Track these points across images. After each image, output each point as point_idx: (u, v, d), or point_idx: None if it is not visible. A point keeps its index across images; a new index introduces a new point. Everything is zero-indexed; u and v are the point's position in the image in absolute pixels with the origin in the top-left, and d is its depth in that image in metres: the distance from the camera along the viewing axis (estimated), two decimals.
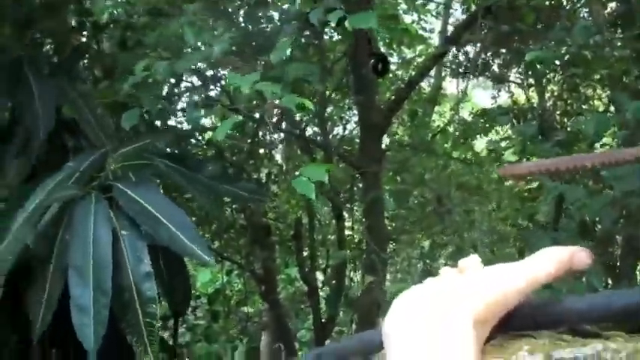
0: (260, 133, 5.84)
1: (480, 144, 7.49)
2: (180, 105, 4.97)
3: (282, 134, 5.73)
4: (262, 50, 4.14)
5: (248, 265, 6.00)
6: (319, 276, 6.16)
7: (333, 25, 3.31)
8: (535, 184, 7.12)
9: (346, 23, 3.25)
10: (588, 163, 1.12)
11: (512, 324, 0.67)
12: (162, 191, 4.13)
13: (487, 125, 7.05)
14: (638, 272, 6.18)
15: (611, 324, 0.73)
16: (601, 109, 7.02)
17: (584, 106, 6.92)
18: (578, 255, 0.68)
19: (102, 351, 3.02)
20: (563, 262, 0.68)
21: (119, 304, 3.24)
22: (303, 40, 4.25)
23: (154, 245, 3.37)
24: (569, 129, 6.17)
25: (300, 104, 3.29)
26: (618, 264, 6.05)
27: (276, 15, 4.74)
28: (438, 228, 6.47)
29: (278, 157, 6.62)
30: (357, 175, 5.54)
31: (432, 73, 6.98)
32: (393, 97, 5.41)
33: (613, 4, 5.85)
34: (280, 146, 6.01)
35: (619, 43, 5.47)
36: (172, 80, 4.64)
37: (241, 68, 3.61)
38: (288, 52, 3.50)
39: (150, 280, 3.28)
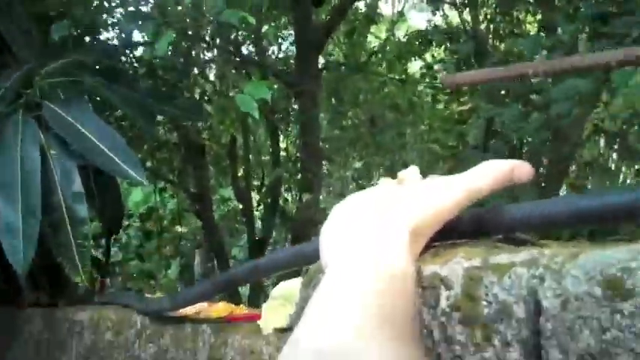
0: (193, 52, 5.71)
1: (415, 66, 7.52)
2: (110, 20, 4.81)
3: (215, 52, 5.61)
4: None
5: (182, 184, 5.95)
6: (254, 195, 6.17)
7: None
8: (467, 107, 7.24)
9: None
10: (528, 70, 1.15)
11: (449, 233, 0.69)
12: (92, 109, 4.02)
13: (422, 47, 7.06)
14: (562, 192, 6.39)
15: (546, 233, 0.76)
16: (533, 31, 7.11)
17: (516, 30, 7.00)
18: (519, 168, 0.69)
19: (31, 272, 2.98)
20: (503, 174, 0.68)
21: (49, 224, 3.17)
22: None
23: (85, 165, 3.29)
24: (501, 51, 6.24)
25: (243, 18, 3.23)
26: (543, 185, 6.25)
27: None
28: (372, 149, 6.52)
29: (211, 76, 6.51)
30: (292, 95, 5.52)
31: None
32: (330, 17, 5.34)
33: None
34: (214, 65, 5.90)
35: None
36: None
37: None
38: None
39: (81, 200, 3.20)
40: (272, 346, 1.44)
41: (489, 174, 0.68)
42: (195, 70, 5.80)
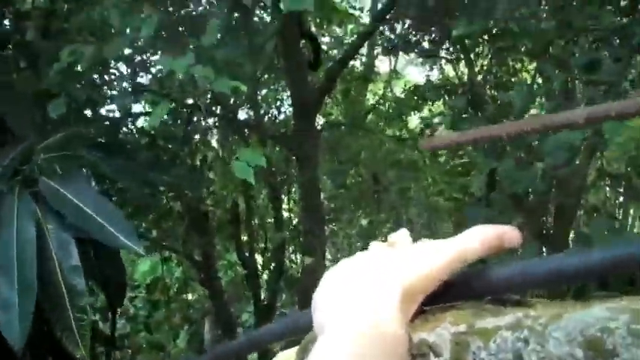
0: (194, 119, 5.78)
1: (414, 121, 7.57)
2: (110, 93, 4.87)
3: (215, 119, 5.67)
4: (191, 33, 4.08)
5: (187, 252, 5.94)
6: (259, 259, 6.15)
7: (267, 3, 3.26)
8: (467, 160, 7.25)
9: (281, 5, 3.21)
10: (504, 131, 1.14)
11: (438, 296, 0.68)
12: (94, 182, 4.05)
13: (420, 102, 7.12)
14: (570, 240, 6.36)
15: (536, 291, 0.74)
16: (529, 80, 7.17)
17: (513, 79, 7.06)
18: (508, 234, 0.69)
19: (30, 347, 2.96)
20: (493, 240, 0.68)
21: (47, 299, 3.17)
22: (232, 22, 4.20)
23: (84, 238, 3.30)
24: (498, 102, 6.28)
25: (234, 87, 3.26)
26: (551, 232, 6.21)
27: None
28: (376, 206, 6.52)
29: (213, 142, 6.56)
30: (292, 157, 5.53)
31: (364, 51, 7.00)
32: (326, 77, 5.39)
33: None
34: (215, 131, 5.95)
35: (544, 15, 5.58)
36: (99, 67, 4.54)
37: (171, 52, 3.55)
38: (218, 34, 3.45)
39: (78, 273, 3.22)
40: None
41: (478, 239, 0.68)
42: (197, 137, 5.86)
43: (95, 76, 4.67)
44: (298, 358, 0.88)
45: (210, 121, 5.79)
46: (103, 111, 4.79)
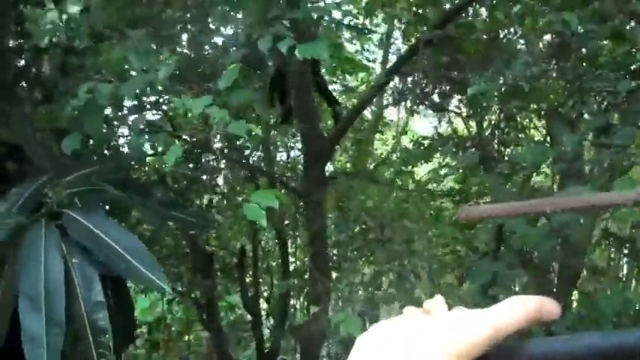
0: (203, 160, 5.80)
1: (421, 171, 7.59)
2: (121, 131, 4.91)
3: (224, 161, 5.70)
4: (207, 76, 4.13)
5: (190, 292, 5.91)
6: (262, 304, 6.11)
7: (282, 50, 3.29)
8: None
9: (296, 52, 3.25)
10: (544, 208, 1.15)
11: None
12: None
13: (428, 154, 7.15)
14: (574, 300, 6.32)
15: None
16: (537, 138, 7.21)
17: (521, 135, 7.08)
18: (547, 306, 0.68)
19: None
20: (532, 312, 0.68)
21: (70, 333, 3.17)
22: (247, 66, 4.25)
23: (102, 275, 3.30)
24: (506, 158, 6.30)
25: (249, 130, 3.29)
26: (555, 290, 6.18)
27: (219, 41, 4.74)
28: (380, 256, 6.50)
29: (220, 183, 6.58)
30: (300, 203, 5.54)
31: (374, 100, 7.06)
32: (338, 126, 5.43)
33: (548, 37, 6.03)
34: (222, 173, 5.97)
35: (554, 74, 5.64)
36: (114, 106, 4.58)
37: (186, 94, 3.59)
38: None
39: (102, 309, 3.22)
40: None
41: (519, 311, 0.67)
42: (204, 177, 5.88)
43: (108, 112, 4.70)
44: None
45: (221, 164, 5.81)
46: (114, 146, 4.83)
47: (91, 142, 4.27)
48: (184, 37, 4.89)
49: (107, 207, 3.99)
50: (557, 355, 0.65)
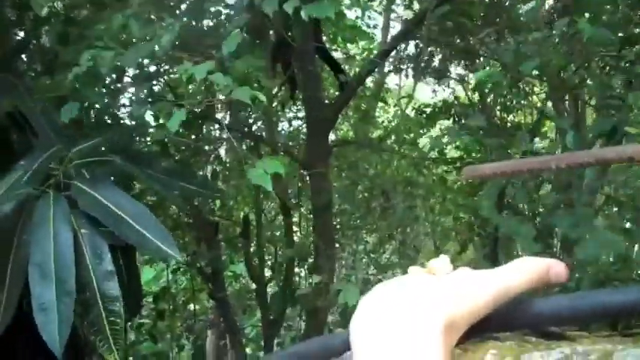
0: (204, 130, 5.79)
1: (424, 139, 7.58)
2: (122, 101, 4.90)
3: (226, 131, 5.69)
4: (209, 43, 4.11)
5: (195, 262, 5.94)
6: (267, 273, 6.14)
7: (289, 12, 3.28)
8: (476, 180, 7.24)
9: (302, 13, 3.23)
10: (550, 164, 1.14)
11: (476, 327, 0.67)
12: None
13: (429, 120, 7.13)
14: (573, 262, 6.34)
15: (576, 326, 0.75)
16: (539, 105, 7.19)
17: (523, 102, 7.05)
18: (554, 268, 0.67)
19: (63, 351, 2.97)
20: (539, 274, 0.67)
21: (81, 303, 3.18)
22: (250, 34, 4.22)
23: (111, 244, 3.31)
24: (509, 125, 6.29)
25: (253, 97, 3.28)
26: (559, 256, 6.20)
27: (221, 9, 4.70)
28: (383, 223, 6.51)
29: (222, 153, 6.57)
30: (304, 172, 5.54)
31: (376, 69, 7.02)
32: (341, 94, 5.41)
33: (550, 1, 5.98)
34: (225, 143, 5.96)
35: (556, 40, 5.60)
36: (114, 75, 4.56)
37: (189, 62, 3.57)
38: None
39: (112, 278, 3.23)
40: None
41: (525, 273, 0.67)
42: (206, 148, 5.87)
43: (108, 81, 4.69)
44: None
45: (219, 133, 5.81)
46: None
47: (92, 112, 4.27)
48: (186, 3, 4.84)
49: (112, 178, 3.98)
50: (563, 312, 0.65)
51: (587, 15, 4.02)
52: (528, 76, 6.22)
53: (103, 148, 3.84)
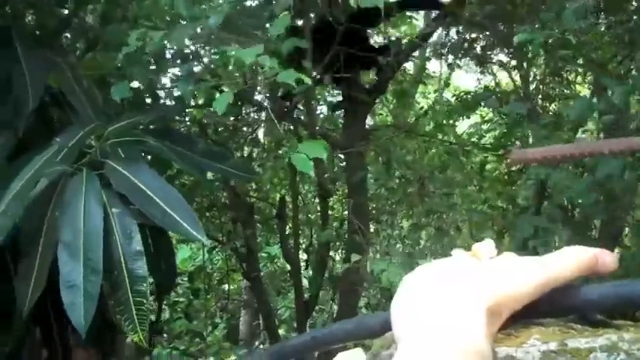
0: (243, 111, 5.81)
1: (462, 126, 7.52)
2: (163, 81, 4.93)
3: (263, 114, 5.71)
4: (253, 24, 4.11)
5: (230, 243, 5.99)
6: (302, 255, 6.17)
7: None
8: (515, 168, 7.17)
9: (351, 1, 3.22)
10: (597, 149, 1.12)
11: (520, 313, 0.67)
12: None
13: (470, 107, 7.06)
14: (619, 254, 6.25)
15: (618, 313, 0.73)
16: (583, 94, 7.07)
17: (566, 91, 6.95)
18: (603, 258, 0.67)
19: (88, 329, 3.00)
20: (587, 264, 0.67)
21: (108, 282, 3.22)
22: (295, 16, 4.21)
23: (142, 224, 3.34)
24: (551, 113, 6.20)
25: (299, 80, 3.28)
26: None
27: None
28: (420, 209, 6.48)
29: (260, 136, 6.60)
30: (340, 155, 5.55)
31: (416, 53, 6.96)
32: (379, 78, 5.39)
33: None
34: (263, 125, 5.99)
35: (603, 28, 5.50)
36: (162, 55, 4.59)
37: (234, 44, 3.58)
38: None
39: (140, 258, 3.26)
40: None
41: (572, 262, 0.66)
42: (244, 130, 5.90)
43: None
44: None
45: (261, 116, 5.82)
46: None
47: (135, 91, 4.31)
48: None
49: (149, 157, 4.02)
50: (610, 299, 0.64)
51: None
52: (571, 63, 6.12)
53: (141, 127, 3.88)
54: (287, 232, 5.69)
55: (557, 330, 0.69)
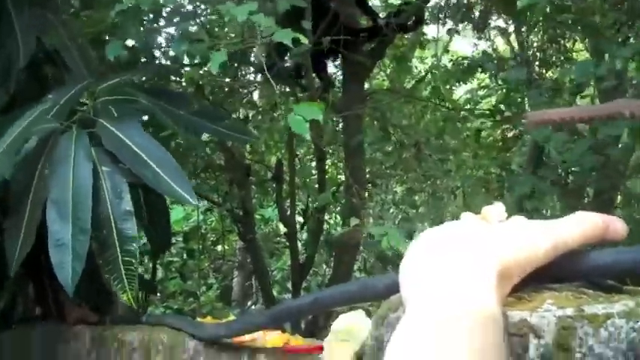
0: (239, 72, 5.77)
1: (459, 92, 7.50)
2: (160, 40, 4.88)
3: (260, 75, 5.66)
4: None
5: (225, 204, 5.99)
6: (298, 218, 6.17)
7: None
8: (510, 134, 7.18)
9: None
10: (624, 111, 1.10)
11: (528, 278, 0.67)
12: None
13: (467, 73, 7.02)
14: None
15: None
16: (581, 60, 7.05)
17: (563, 58, 6.93)
18: (613, 225, 0.67)
19: (78, 286, 2.99)
20: (596, 231, 0.66)
21: (98, 241, 3.21)
22: None
23: (135, 183, 3.32)
24: (549, 79, 6.18)
25: (295, 39, 3.25)
26: None
27: None
28: (414, 174, 6.49)
29: (255, 97, 6.56)
30: (338, 118, 5.53)
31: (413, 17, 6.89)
32: (378, 42, 5.35)
33: None
34: (259, 86, 5.94)
35: None
36: (151, 15, 4.54)
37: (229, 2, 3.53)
38: None
39: (130, 218, 3.23)
40: None
41: (582, 228, 0.66)
42: (240, 91, 5.85)
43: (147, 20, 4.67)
44: (376, 324, 0.88)
45: (257, 77, 5.78)
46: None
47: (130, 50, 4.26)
48: None
49: (144, 117, 3.98)
50: (623, 264, 0.64)
51: None
52: (570, 29, 6.07)
53: (132, 87, 3.83)
54: (283, 195, 5.68)
55: (569, 295, 0.69)
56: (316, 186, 5.80)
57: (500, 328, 0.58)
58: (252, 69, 5.61)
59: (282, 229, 6.63)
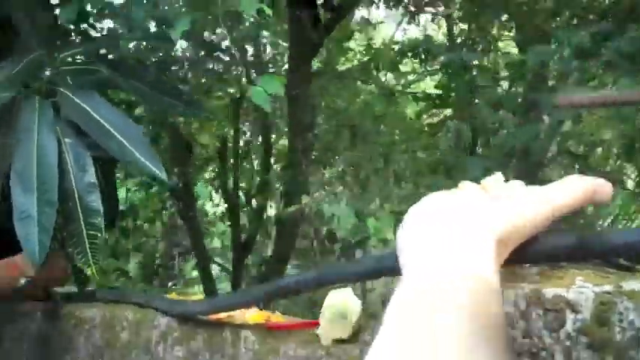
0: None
1: (390, 77, 7.60)
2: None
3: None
4: None
5: (169, 180, 5.87)
6: (241, 195, 6.13)
7: None
8: (436, 119, 7.36)
9: None
10: None
11: (549, 255, 0.68)
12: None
13: (398, 58, 7.14)
14: None
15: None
16: (507, 49, 7.31)
17: (491, 47, 7.14)
18: (601, 187, 0.67)
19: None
20: (587, 194, 0.67)
21: (62, 214, 3.10)
22: None
23: (93, 156, 3.22)
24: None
25: (260, 10, 3.22)
26: None
27: None
28: (352, 155, 6.54)
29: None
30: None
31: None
32: (326, 22, 5.38)
33: None
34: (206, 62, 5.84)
35: None
36: None
37: None
38: None
39: (95, 190, 3.11)
40: (334, 358, 1.41)
41: (575, 192, 0.67)
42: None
43: None
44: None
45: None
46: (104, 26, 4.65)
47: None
48: None
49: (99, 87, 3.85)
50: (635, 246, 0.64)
51: None
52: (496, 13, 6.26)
53: (90, 56, 3.70)
54: (227, 171, 5.63)
55: (591, 274, 0.72)
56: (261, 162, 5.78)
57: (498, 296, 0.58)
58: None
59: (211, 209, 6.57)
